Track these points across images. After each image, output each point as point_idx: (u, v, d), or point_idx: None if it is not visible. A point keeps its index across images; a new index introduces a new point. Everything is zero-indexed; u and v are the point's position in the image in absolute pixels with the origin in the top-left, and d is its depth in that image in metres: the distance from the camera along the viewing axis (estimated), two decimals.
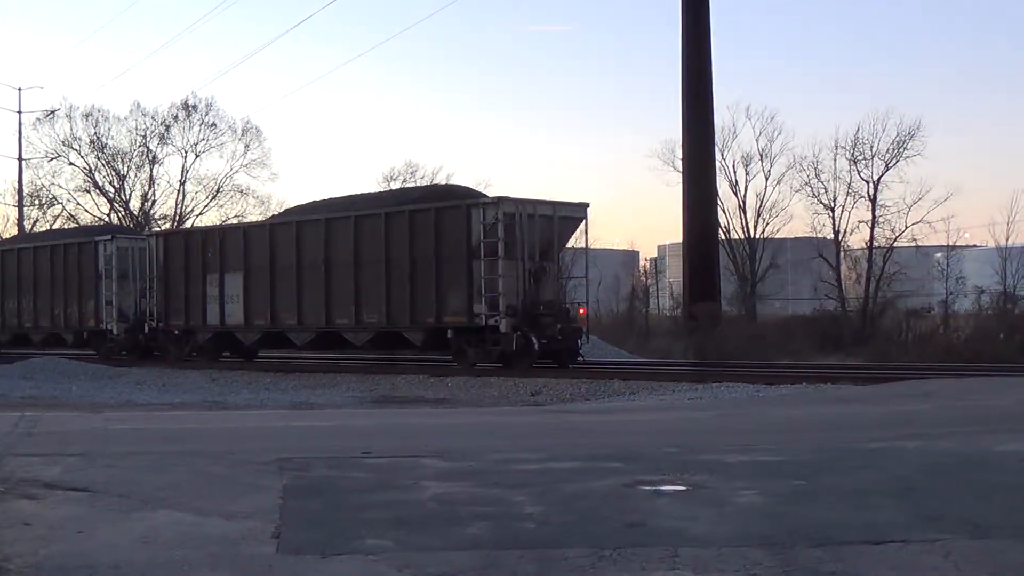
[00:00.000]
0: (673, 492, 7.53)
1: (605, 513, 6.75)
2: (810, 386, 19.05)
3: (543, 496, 7.28)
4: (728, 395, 18.15)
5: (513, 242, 24.69)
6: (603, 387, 20.81)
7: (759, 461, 9.07)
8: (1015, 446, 9.77)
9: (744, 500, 7.23)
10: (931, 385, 18.21)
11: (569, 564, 5.53)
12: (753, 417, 13.86)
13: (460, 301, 25.17)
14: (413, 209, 26.50)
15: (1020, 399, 15.13)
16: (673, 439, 10.88)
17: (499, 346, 24.65)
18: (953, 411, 13.70)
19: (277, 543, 5.96)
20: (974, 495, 7.45)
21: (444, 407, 18.98)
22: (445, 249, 25.48)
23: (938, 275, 43.73)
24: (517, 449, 9.91)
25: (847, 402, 15.78)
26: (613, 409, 16.36)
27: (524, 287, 24.88)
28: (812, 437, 11.00)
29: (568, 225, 26.55)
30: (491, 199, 25.43)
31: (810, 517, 6.66)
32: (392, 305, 26.49)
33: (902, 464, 8.77)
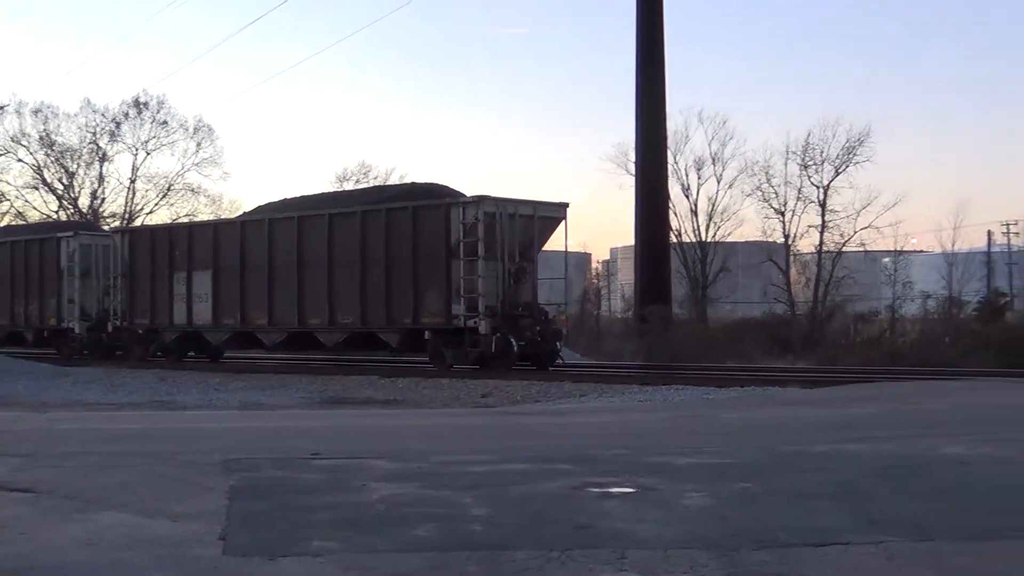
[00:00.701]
0: (621, 494, 7.56)
1: (554, 515, 6.77)
2: (758, 389, 19.19)
3: (492, 498, 7.28)
4: (677, 397, 18.25)
5: (493, 242, 24.40)
6: (554, 389, 20.83)
7: (707, 463, 9.12)
8: (958, 449, 9.90)
9: (691, 502, 7.27)
10: (877, 389, 18.41)
11: (517, 566, 5.54)
12: (702, 419, 13.94)
13: (438, 302, 24.83)
14: (391, 207, 26.12)
15: (964, 403, 15.34)
16: (622, 441, 10.93)
17: (478, 348, 24.34)
18: (898, 414, 13.85)
19: (223, 545, 5.93)
20: (917, 498, 7.54)
21: (394, 408, 18.92)
22: (423, 248, 25.09)
23: (886, 280, 44.19)
24: (466, 451, 9.91)
25: (795, 405, 15.92)
26: (563, 411, 16.40)
27: (504, 288, 24.61)
28: (759, 440, 11.08)
29: (547, 225, 26.24)
30: (472, 198, 25.13)
31: (756, 519, 6.71)
32: (367, 305, 26.10)
33: (847, 467, 8.86)
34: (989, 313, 36.56)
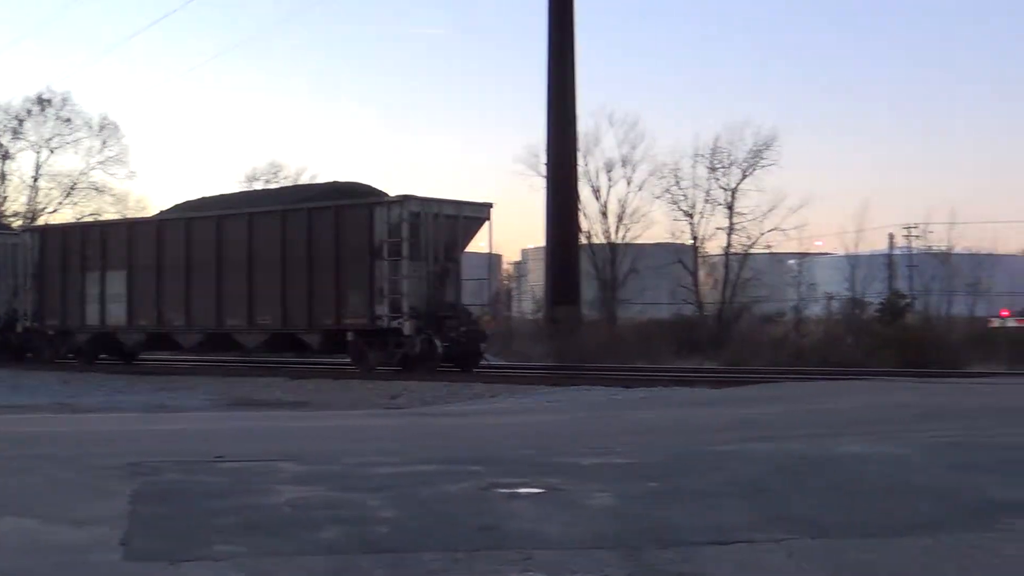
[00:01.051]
0: (528, 495, 7.59)
1: (461, 516, 6.77)
2: (666, 389, 19.40)
3: (399, 500, 7.26)
4: (586, 398, 18.37)
5: (418, 242, 24.28)
6: (464, 390, 20.85)
7: (614, 463, 9.20)
8: (857, 448, 10.10)
9: (597, 502, 7.33)
10: (782, 388, 18.72)
11: (423, 568, 5.53)
12: (610, 420, 14.05)
13: (361, 302, 24.64)
14: (313, 207, 25.89)
15: (865, 402, 15.65)
16: (531, 442, 10.97)
17: (401, 349, 24.20)
18: (802, 414, 14.09)
19: (124, 550, 5.83)
20: (818, 496, 7.69)
21: (302, 410, 18.78)
22: (346, 249, 24.89)
23: (791, 281, 44.91)
24: (374, 452, 9.87)
25: (701, 405, 16.12)
26: (473, 412, 16.42)
27: (428, 289, 24.49)
28: (667, 439, 11.20)
29: (472, 225, 26.21)
30: (396, 197, 24.89)
31: (661, 518, 6.79)
32: (288, 306, 25.82)
33: (752, 466, 8.99)
34: (890, 314, 37.33)
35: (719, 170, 42.33)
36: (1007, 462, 9.17)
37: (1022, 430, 11.33)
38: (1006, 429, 11.47)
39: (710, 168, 42.49)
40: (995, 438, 10.77)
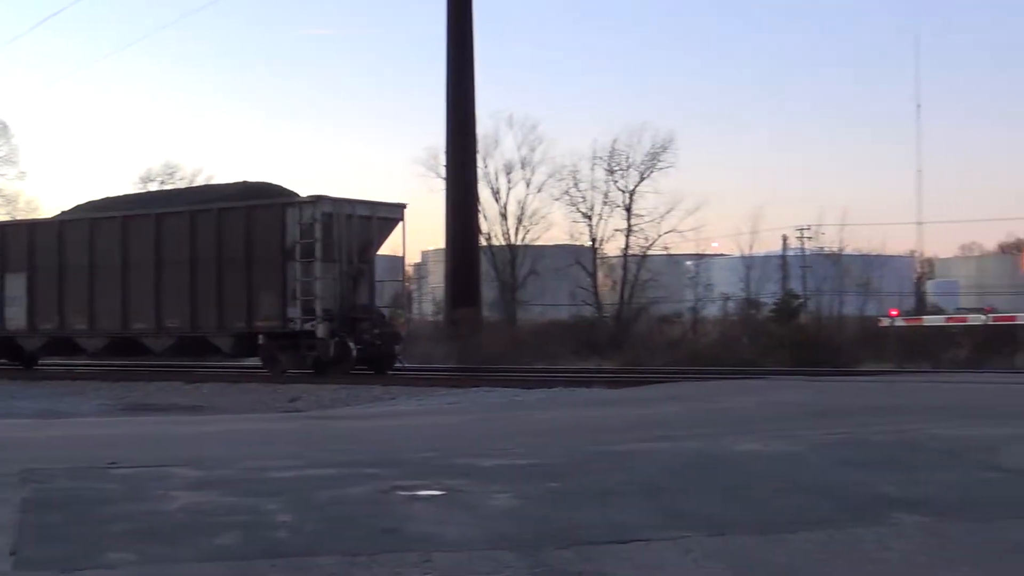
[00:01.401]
0: (429, 497, 7.57)
1: (360, 520, 6.73)
2: (566, 390, 19.51)
3: (297, 504, 7.19)
4: (487, 399, 18.40)
5: (331, 243, 23.92)
6: (363, 392, 20.72)
7: (514, 464, 9.22)
8: (753, 446, 10.27)
9: (498, 503, 7.34)
10: (680, 388, 18.95)
11: (322, 572, 5.49)
12: (510, 421, 14.09)
13: (273, 305, 24.22)
14: (223, 207, 25.33)
15: (760, 401, 15.92)
16: (431, 444, 10.94)
17: (314, 352, 23.85)
18: (699, 413, 14.27)
19: (14, 560, 5.68)
20: (715, 493, 7.80)
21: (199, 414, 18.50)
22: (258, 250, 24.45)
23: (688, 282, 45.47)
24: (272, 456, 9.76)
25: (601, 405, 16.24)
26: (373, 415, 16.33)
27: (341, 290, 24.15)
28: (566, 440, 11.26)
29: (385, 226, 25.90)
30: (309, 198, 24.46)
31: (561, 518, 6.82)
32: (198, 309, 25.25)
33: (650, 465, 9.09)
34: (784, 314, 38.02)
35: (617, 172, 42.74)
36: (896, 459, 9.40)
37: (910, 427, 11.62)
38: (895, 426, 11.75)
39: (608, 170, 42.88)
40: (884, 435, 11.03)
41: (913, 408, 14.17)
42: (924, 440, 10.51)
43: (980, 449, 9.76)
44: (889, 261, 50.25)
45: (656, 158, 42.45)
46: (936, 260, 75.08)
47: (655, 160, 42.46)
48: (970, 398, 15.83)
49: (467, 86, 37.66)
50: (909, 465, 9.04)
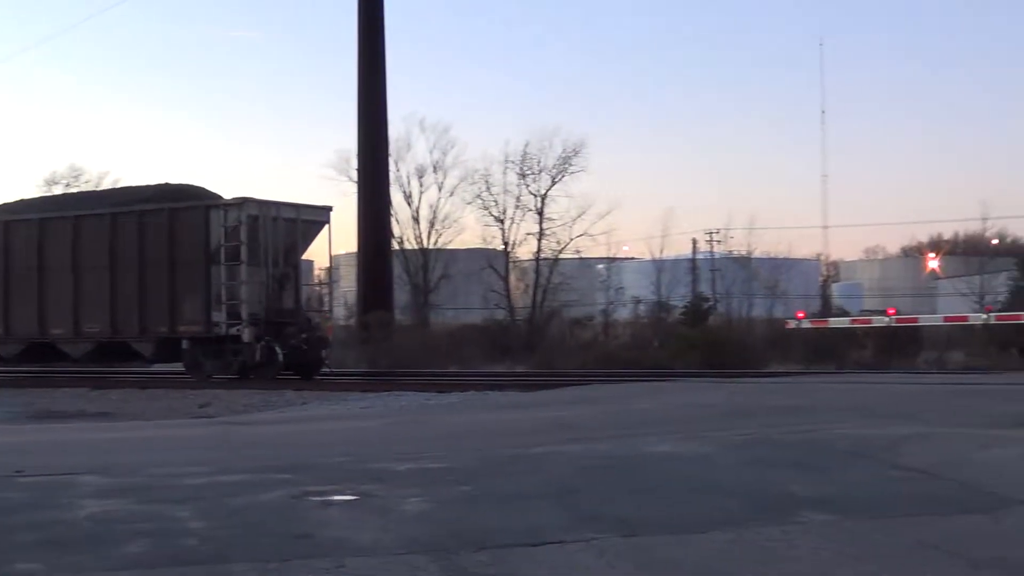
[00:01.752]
0: (342, 502, 7.55)
1: (272, 526, 6.69)
2: (479, 393, 19.52)
3: (208, 511, 7.12)
4: (399, 403, 18.34)
5: (256, 246, 23.44)
6: (275, 397, 20.53)
7: (427, 468, 9.21)
8: (665, 447, 10.38)
9: (411, 508, 7.34)
10: (592, 391, 19.09)
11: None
12: (423, 425, 14.08)
13: (197, 309, 23.71)
14: (145, 209, 24.61)
15: (671, 402, 16.10)
16: (344, 448, 10.89)
17: (240, 357, 23.41)
18: (611, 415, 14.39)
19: None
20: (627, 495, 7.88)
21: (107, 421, 18.19)
22: (181, 253, 23.86)
23: (600, 285, 45.80)
24: (183, 463, 9.64)
25: (514, 408, 16.28)
26: (285, 419, 16.19)
27: (267, 294, 23.72)
28: (479, 443, 11.28)
29: (311, 229, 25.46)
30: (234, 200, 23.97)
31: (475, 522, 6.84)
32: (118, 314, 24.59)
33: (563, 467, 9.15)
34: (694, 317, 38.48)
35: (529, 176, 42.91)
36: (803, 458, 9.57)
37: (817, 427, 11.84)
38: (802, 426, 11.97)
39: (520, 174, 43.03)
40: (792, 435, 11.22)
41: (820, 408, 14.45)
42: (831, 439, 10.72)
43: (884, 448, 9.98)
44: (796, 264, 51.17)
45: (568, 162, 42.74)
46: (841, 263, 76.57)
47: (567, 164, 42.74)
48: (874, 398, 16.17)
49: (379, 89, 37.53)
50: (816, 464, 9.22)
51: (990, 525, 6.72)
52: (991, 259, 48.40)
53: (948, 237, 71.59)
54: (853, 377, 22.21)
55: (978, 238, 54.97)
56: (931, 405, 14.46)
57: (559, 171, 42.75)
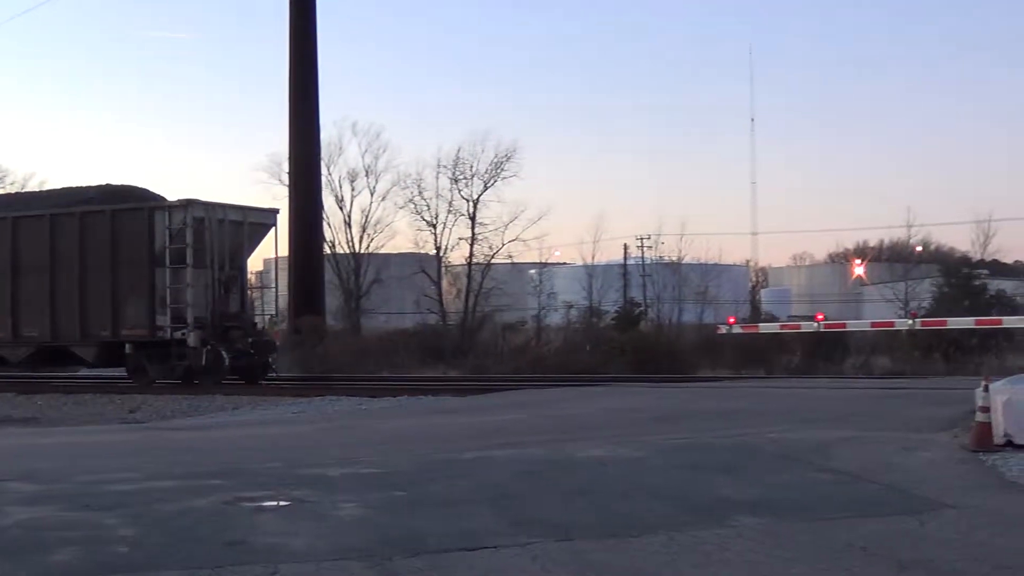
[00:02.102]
0: (275, 507, 7.50)
1: (204, 532, 6.62)
2: (411, 398, 19.46)
3: (138, 517, 7.03)
4: (332, 408, 18.24)
5: (202, 249, 22.83)
6: (205, 402, 20.31)
7: (361, 473, 9.19)
8: (598, 451, 10.44)
9: (345, 513, 7.30)
10: (524, 395, 19.13)
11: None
12: (356, 430, 14.02)
13: (141, 313, 23.00)
14: (86, 211, 23.83)
15: (603, 407, 16.18)
16: (276, 454, 10.82)
17: (185, 361, 22.78)
18: (544, 420, 14.44)
19: None
20: (561, 499, 7.91)
21: (33, 427, 17.89)
22: (124, 256, 23.12)
23: (532, 291, 45.87)
24: (112, 469, 9.51)
25: (447, 413, 16.27)
26: (215, 425, 16.04)
27: (213, 298, 23.12)
28: (413, 448, 11.26)
29: (257, 232, 24.93)
30: (179, 202, 23.24)
31: (409, 527, 6.83)
32: (58, 317, 23.77)
33: (497, 472, 9.17)
34: (626, 322, 38.69)
35: (461, 181, 42.83)
36: (734, 462, 9.69)
37: (747, 431, 11.97)
38: (733, 431, 12.10)
39: (453, 179, 42.92)
40: (722, 439, 11.34)
41: (750, 412, 14.61)
42: (761, 444, 10.85)
43: (813, 451, 10.12)
44: (726, 270, 51.65)
45: (500, 167, 42.70)
46: (770, 269, 77.44)
47: (499, 169, 42.70)
48: (802, 403, 16.38)
49: (310, 93, 37.29)
50: (747, 468, 9.33)
51: (916, 527, 6.84)
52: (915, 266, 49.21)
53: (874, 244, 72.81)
54: (782, 382, 22.47)
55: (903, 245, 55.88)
56: (858, 409, 14.69)
57: (491, 176, 42.74)
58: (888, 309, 39.34)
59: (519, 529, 6.78)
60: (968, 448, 10.08)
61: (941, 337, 28.64)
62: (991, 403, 10.04)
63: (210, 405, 19.91)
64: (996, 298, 33.32)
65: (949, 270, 37.09)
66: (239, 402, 20.09)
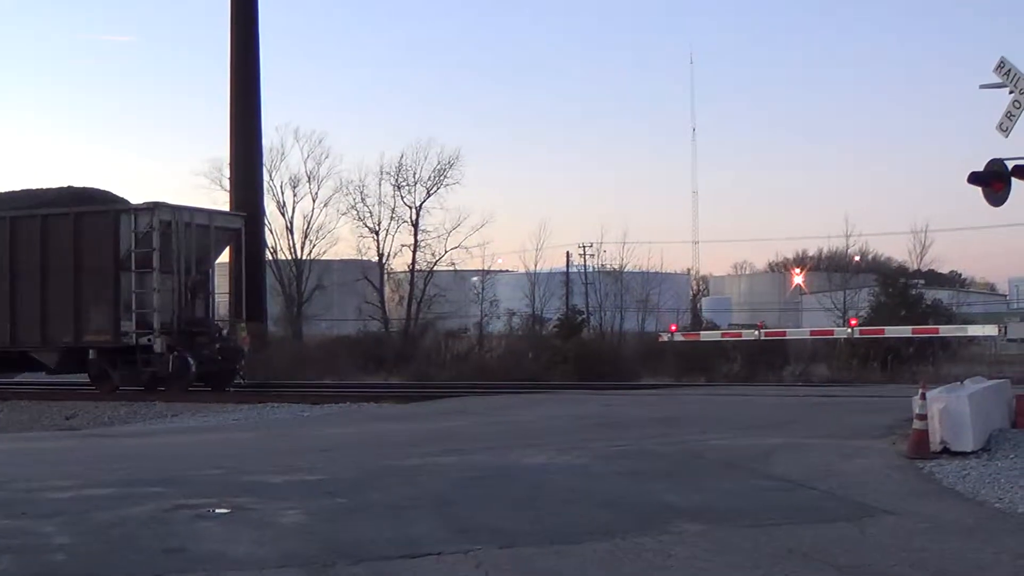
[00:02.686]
0: (215, 515, 7.42)
1: (142, 540, 6.54)
2: (354, 405, 19.37)
3: (75, 525, 6.93)
4: (273, 415, 18.10)
5: (169, 253, 22.24)
6: (144, 409, 20.06)
7: (303, 480, 9.12)
8: (541, 458, 10.45)
9: (287, 520, 7.25)
10: (467, 402, 19.11)
11: None
12: (298, 437, 13.93)
13: (105, 318, 22.27)
14: (48, 213, 23.10)
15: (546, 414, 16.21)
16: (217, 461, 10.71)
17: (151, 368, 22.14)
18: (487, 427, 14.43)
19: None
20: (504, 506, 7.91)
21: None
22: (87, 259, 22.38)
23: (474, 298, 45.89)
24: (49, 476, 9.37)
25: (389, 420, 16.22)
26: (155, 432, 15.86)
27: (179, 303, 22.53)
28: (355, 455, 11.21)
29: (224, 236, 24.52)
30: (146, 205, 22.69)
31: (351, 534, 6.79)
32: (18, 322, 22.96)
33: (440, 479, 9.15)
34: (568, 329, 38.76)
35: (404, 188, 42.76)
36: (676, 469, 9.74)
37: (689, 438, 12.05)
38: (675, 437, 12.17)
39: (395, 186, 42.84)
40: (665, 446, 11.40)
41: (693, 419, 14.71)
42: (703, 450, 10.93)
43: (754, 458, 10.21)
44: (667, 278, 51.97)
45: (443, 174, 42.68)
46: (711, 278, 78.07)
47: (442, 176, 42.69)
48: (743, 410, 16.52)
49: (252, 98, 36.99)
50: (690, 475, 9.38)
51: (855, 533, 6.92)
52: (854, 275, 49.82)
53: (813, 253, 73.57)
54: (723, 390, 22.65)
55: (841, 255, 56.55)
56: (798, 417, 14.84)
57: (434, 183, 42.71)
58: (827, 318, 39.78)
59: (462, 536, 6.76)
60: (906, 455, 10.22)
61: (879, 346, 28.99)
62: (928, 411, 10.19)
63: (149, 412, 19.67)
64: (932, 308, 33.80)
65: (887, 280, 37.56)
66: (178, 409, 19.85)
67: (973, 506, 7.87)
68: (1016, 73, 12.72)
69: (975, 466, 9.51)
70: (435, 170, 42.73)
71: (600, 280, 46.92)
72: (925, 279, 47.31)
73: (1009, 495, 8.09)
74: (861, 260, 60.56)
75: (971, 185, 13.11)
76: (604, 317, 43.56)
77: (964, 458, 9.88)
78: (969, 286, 70.36)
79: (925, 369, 27.09)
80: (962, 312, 42.31)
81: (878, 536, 6.85)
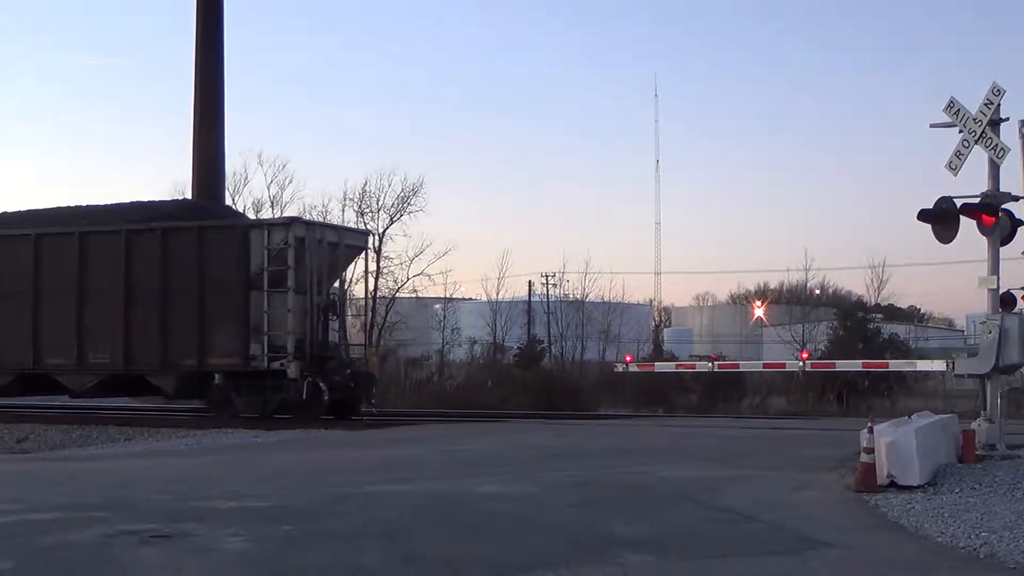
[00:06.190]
0: (159, 541, 7.37)
1: (86, 565, 6.50)
2: (305, 432, 19.20)
3: (15, 550, 6.87)
4: (226, 440, 17.97)
5: (303, 271, 20.86)
6: (96, 433, 19.86)
7: (251, 507, 9.08)
8: (492, 487, 10.46)
9: (232, 547, 7.21)
10: (425, 430, 19.08)
11: None
12: (250, 463, 13.85)
13: (233, 340, 20.91)
14: (169, 227, 21.84)
15: (502, 443, 16.21)
16: (166, 486, 10.64)
17: (280, 394, 20.77)
18: (443, 455, 14.41)
19: None
20: (454, 534, 7.91)
21: None
22: (213, 277, 21.06)
23: (436, 325, 45.90)
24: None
25: (343, 447, 16.15)
26: (106, 456, 15.74)
27: (311, 325, 21.06)
28: (307, 482, 11.16)
29: (351, 254, 23.33)
30: (281, 220, 21.79)
31: (298, 562, 6.77)
32: (133, 343, 21.58)
33: (392, 507, 9.13)
34: (528, 359, 38.84)
35: (367, 214, 42.76)
36: (627, 499, 9.77)
37: (642, 469, 12.09)
38: (628, 468, 12.20)
39: (359, 212, 42.82)
40: (616, 476, 11.44)
41: (646, 450, 14.76)
42: (654, 482, 10.97)
43: (703, 490, 10.25)
44: (629, 308, 52.12)
45: (406, 201, 42.68)
46: (673, 309, 78.30)
47: (405, 203, 42.72)
48: (698, 441, 16.59)
49: (216, 121, 36.88)
50: (639, 506, 9.41)
51: (799, 566, 6.97)
52: (814, 308, 50.19)
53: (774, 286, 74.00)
54: (680, 420, 22.73)
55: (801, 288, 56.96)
56: (750, 448, 14.92)
57: (397, 210, 42.70)
58: (786, 351, 40.03)
59: (409, 565, 6.76)
60: (853, 488, 10.29)
61: (835, 379, 29.23)
62: (875, 445, 10.27)
63: (101, 436, 19.49)
64: (890, 342, 34.12)
65: (845, 313, 37.89)
66: (131, 433, 19.69)
67: (916, 540, 7.94)
68: (965, 113, 12.93)
69: (920, 500, 9.59)
70: (398, 197, 42.72)
71: (562, 309, 47.00)
72: (884, 313, 47.71)
73: (952, 529, 8.16)
74: (821, 293, 61.06)
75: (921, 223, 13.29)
76: (566, 346, 43.64)
77: (910, 492, 9.96)
78: (928, 321, 70.98)
79: (880, 403, 27.32)
80: (919, 347, 42.75)
81: (819, 569, 6.90)
